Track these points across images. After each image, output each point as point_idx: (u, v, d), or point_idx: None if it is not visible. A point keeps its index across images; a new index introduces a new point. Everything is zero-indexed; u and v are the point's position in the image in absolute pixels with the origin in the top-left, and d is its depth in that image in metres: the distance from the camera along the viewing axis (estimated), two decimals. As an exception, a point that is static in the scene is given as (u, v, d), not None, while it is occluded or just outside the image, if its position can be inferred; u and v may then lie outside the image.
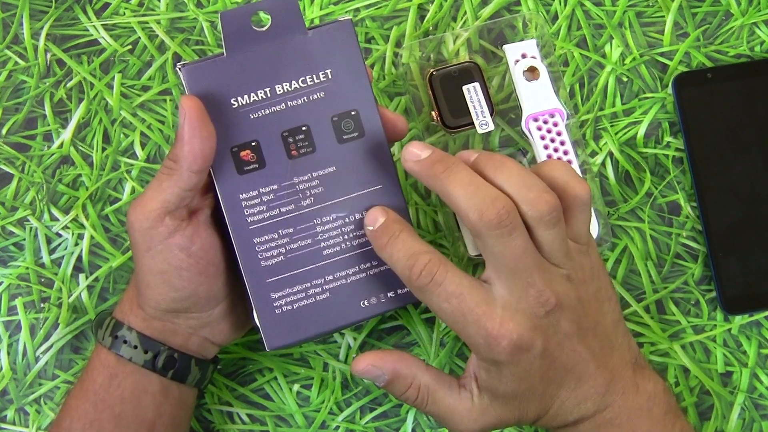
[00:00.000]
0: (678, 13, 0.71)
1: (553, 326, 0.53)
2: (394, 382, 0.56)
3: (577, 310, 0.54)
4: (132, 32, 0.71)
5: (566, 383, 0.55)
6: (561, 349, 0.54)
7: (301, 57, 0.55)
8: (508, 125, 0.68)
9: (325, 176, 0.56)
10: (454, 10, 0.71)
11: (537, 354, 0.53)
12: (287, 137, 0.55)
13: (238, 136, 0.55)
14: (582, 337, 0.54)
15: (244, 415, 0.67)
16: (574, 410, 0.55)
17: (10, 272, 0.68)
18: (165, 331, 0.58)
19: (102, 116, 0.70)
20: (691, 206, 0.69)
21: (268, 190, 0.55)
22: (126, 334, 0.58)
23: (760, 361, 0.67)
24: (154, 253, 0.55)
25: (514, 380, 0.54)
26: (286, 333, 0.56)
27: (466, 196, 0.52)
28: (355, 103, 0.56)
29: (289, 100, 0.55)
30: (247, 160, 0.55)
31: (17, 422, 0.66)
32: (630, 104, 0.70)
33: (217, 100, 0.55)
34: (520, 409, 0.55)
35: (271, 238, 0.55)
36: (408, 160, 0.54)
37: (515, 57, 0.67)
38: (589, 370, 0.55)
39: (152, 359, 0.57)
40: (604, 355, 0.56)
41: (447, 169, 0.53)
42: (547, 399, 0.55)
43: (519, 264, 0.52)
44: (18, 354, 0.67)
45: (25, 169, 0.69)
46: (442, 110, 0.66)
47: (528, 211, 0.52)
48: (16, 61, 0.70)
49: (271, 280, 0.56)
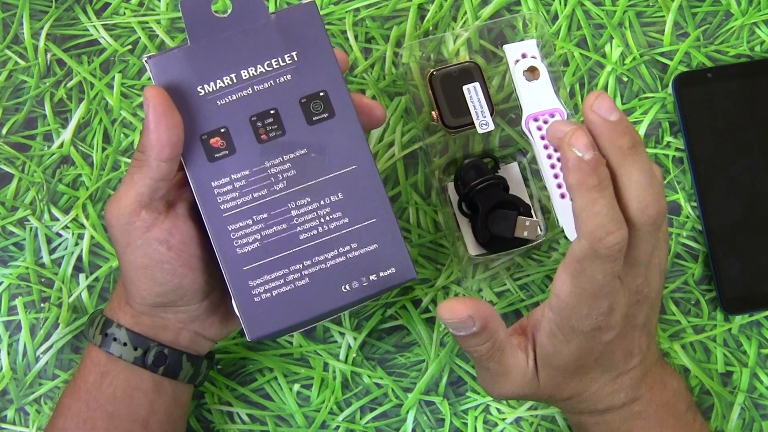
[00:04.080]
0: (678, 13, 0.71)
1: (633, 316, 0.54)
2: (479, 335, 0.54)
3: (651, 305, 0.55)
4: (132, 32, 0.71)
5: (610, 371, 0.55)
6: (625, 340, 0.55)
7: (265, 41, 0.55)
8: (508, 125, 0.68)
9: (297, 159, 0.55)
10: (454, 10, 0.71)
11: (608, 339, 0.53)
12: (256, 121, 0.55)
13: (206, 124, 0.55)
14: (642, 332, 0.55)
15: (244, 415, 0.66)
16: (606, 398, 0.56)
17: (10, 272, 0.68)
18: (154, 326, 0.58)
19: (102, 116, 0.70)
20: (691, 206, 0.69)
21: (239, 176, 0.55)
22: (115, 332, 0.58)
23: (760, 361, 0.67)
24: (133, 248, 0.55)
25: (574, 354, 0.54)
26: (268, 322, 0.55)
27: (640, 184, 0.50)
28: (324, 84, 0.56)
29: (256, 85, 0.55)
30: (217, 147, 0.55)
31: (17, 422, 0.66)
32: (630, 104, 0.70)
33: (184, 89, 0.55)
34: (560, 386, 0.56)
35: (245, 224, 0.55)
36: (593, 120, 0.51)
37: (515, 57, 0.66)
38: (632, 363, 0.56)
39: (142, 356, 0.57)
40: (647, 350, 0.57)
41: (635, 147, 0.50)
42: (587, 381, 0.55)
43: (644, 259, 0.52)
44: (18, 354, 0.67)
45: (26, 169, 0.69)
46: (442, 110, 0.66)
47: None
48: (16, 61, 0.70)
49: (248, 267, 0.55)
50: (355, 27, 0.71)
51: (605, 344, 0.54)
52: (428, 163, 0.68)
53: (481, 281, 0.68)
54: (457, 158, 0.67)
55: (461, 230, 0.65)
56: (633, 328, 0.55)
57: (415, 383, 0.67)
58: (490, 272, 0.67)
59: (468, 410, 0.67)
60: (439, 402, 0.67)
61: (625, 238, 0.50)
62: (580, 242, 0.50)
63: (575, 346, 0.53)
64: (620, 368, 0.56)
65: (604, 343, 0.54)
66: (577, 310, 0.52)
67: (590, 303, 0.52)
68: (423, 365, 0.67)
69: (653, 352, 0.57)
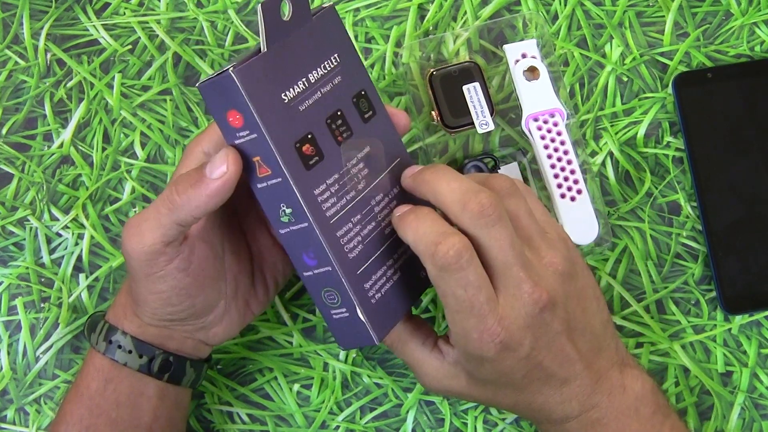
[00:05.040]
0: (678, 13, 0.71)
1: (545, 325, 0.53)
2: None
3: (567, 307, 0.54)
4: (132, 32, 0.71)
5: (551, 382, 0.55)
6: (549, 349, 0.53)
7: (316, 44, 0.54)
8: (508, 125, 0.68)
9: (365, 157, 0.55)
10: (454, 10, 0.71)
11: (523, 355, 0.53)
12: (330, 124, 0.54)
13: (296, 132, 0.53)
14: (570, 336, 0.54)
15: (244, 415, 0.67)
16: (558, 408, 0.55)
17: (10, 272, 0.68)
18: (161, 336, 0.58)
19: (102, 116, 0.70)
20: (691, 206, 0.69)
21: (332, 180, 0.54)
22: (120, 339, 0.57)
23: (760, 360, 0.67)
24: (153, 278, 0.54)
25: (494, 374, 0.54)
26: (385, 321, 0.55)
27: (451, 190, 0.52)
28: (362, 84, 0.56)
29: (321, 87, 0.54)
30: (309, 154, 0.53)
31: (17, 422, 0.66)
32: (630, 104, 0.70)
33: (271, 97, 0.52)
34: (495, 393, 0.56)
35: (348, 228, 0.54)
36: (405, 177, 0.55)
37: (515, 57, 0.67)
38: (575, 371, 0.55)
39: (147, 363, 0.57)
40: (592, 355, 0.55)
41: (435, 173, 0.54)
42: (527, 394, 0.55)
43: (507, 258, 0.52)
44: (18, 354, 0.67)
45: (25, 169, 0.69)
46: (442, 110, 0.66)
47: None
48: (16, 61, 0.70)
49: (360, 271, 0.54)
50: (355, 27, 0.71)
51: (525, 361, 0.53)
52: (428, 163, 0.68)
53: (481, 281, 0.68)
54: (457, 158, 0.67)
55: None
56: (555, 336, 0.53)
57: (415, 383, 0.67)
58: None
59: (468, 410, 0.67)
60: (439, 402, 0.67)
61: (458, 243, 0.51)
62: (427, 270, 0.52)
63: (491, 368, 0.53)
64: (561, 377, 0.54)
65: (522, 360, 0.53)
66: (469, 338, 0.52)
67: (475, 326, 0.51)
68: (423, 365, 0.67)
69: (607, 356, 0.56)
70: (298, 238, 0.53)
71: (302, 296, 0.68)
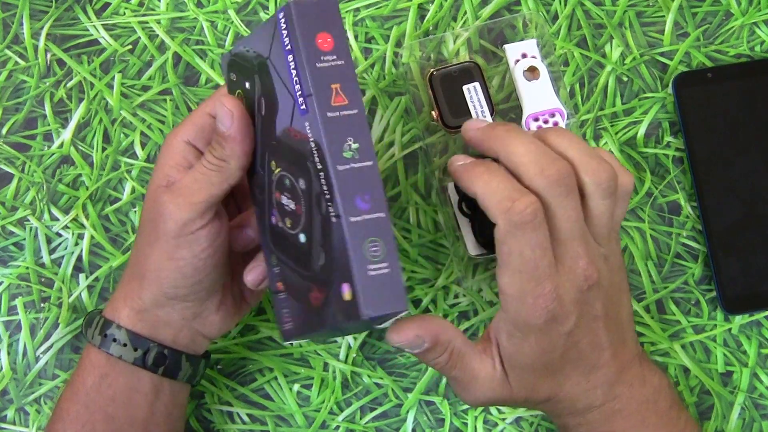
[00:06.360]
0: (678, 13, 0.71)
1: (589, 304, 0.53)
2: (433, 349, 0.54)
3: (608, 293, 0.55)
4: (132, 32, 0.71)
5: (581, 367, 0.55)
6: (587, 331, 0.54)
7: None
8: (508, 125, 0.68)
9: None
10: (454, 9, 0.71)
11: (565, 331, 0.53)
12: None
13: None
14: (606, 323, 0.55)
15: (245, 414, 0.67)
16: (583, 397, 0.56)
17: (10, 272, 0.68)
18: (156, 324, 0.58)
19: (102, 116, 0.70)
20: (691, 206, 0.69)
21: None
22: (115, 332, 0.58)
23: (760, 360, 0.67)
24: (182, 241, 0.55)
25: (535, 351, 0.54)
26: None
27: (528, 152, 0.52)
28: None
29: None
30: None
31: (17, 422, 0.66)
32: (630, 104, 0.70)
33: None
34: (532, 387, 0.55)
35: None
36: (469, 129, 0.55)
37: (515, 57, 0.67)
38: (604, 358, 0.55)
39: (142, 356, 0.57)
40: (618, 345, 0.56)
41: (509, 131, 0.53)
42: (560, 379, 0.55)
43: (573, 231, 0.52)
44: (18, 354, 0.67)
45: (25, 169, 0.69)
46: (442, 110, 0.66)
47: (587, 178, 0.52)
48: (16, 61, 0.70)
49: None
50: (355, 27, 0.71)
51: (566, 337, 0.53)
52: (428, 163, 0.68)
53: (481, 281, 0.68)
54: (457, 158, 0.67)
55: (461, 230, 0.65)
56: (593, 319, 0.54)
57: (415, 383, 0.67)
58: (490, 272, 0.67)
59: (468, 410, 0.67)
60: (439, 402, 0.67)
61: (536, 203, 0.50)
62: (497, 226, 0.51)
63: (534, 342, 0.53)
64: (591, 363, 0.55)
65: (564, 336, 0.53)
66: (523, 302, 0.52)
67: (532, 289, 0.51)
68: (423, 365, 0.67)
69: (629, 348, 0.57)
70: (357, 177, 0.51)
71: (302, 296, 0.68)
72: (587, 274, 0.53)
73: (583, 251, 0.52)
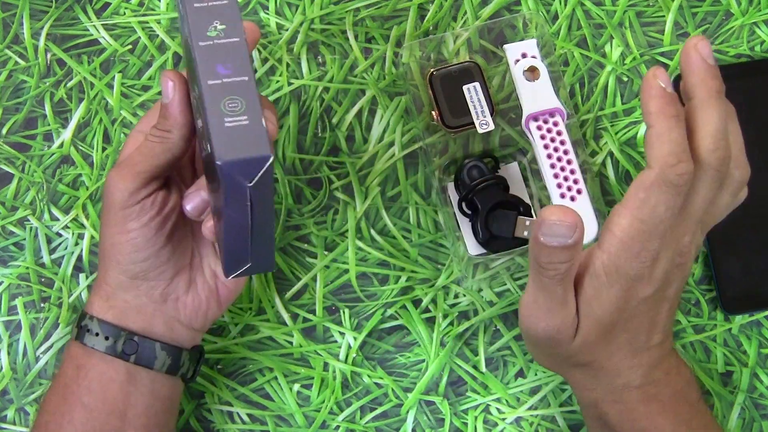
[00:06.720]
0: (678, 13, 0.71)
1: (668, 282, 0.55)
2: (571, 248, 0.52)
3: (683, 278, 0.56)
4: (132, 32, 0.71)
5: (634, 342, 0.56)
6: (654, 306, 0.55)
7: None
8: (508, 125, 0.68)
9: None
10: (455, 9, 0.71)
11: (644, 296, 0.54)
12: None
13: None
14: (670, 306, 0.56)
15: (245, 414, 0.67)
16: (624, 373, 0.56)
17: (10, 272, 0.68)
18: (126, 310, 0.59)
19: (102, 116, 0.70)
20: (691, 206, 0.69)
21: None
22: (89, 323, 0.59)
23: (760, 360, 0.67)
24: (128, 212, 0.57)
25: (611, 303, 0.54)
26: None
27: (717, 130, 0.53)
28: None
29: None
30: None
31: (17, 422, 0.66)
32: (630, 104, 0.70)
33: None
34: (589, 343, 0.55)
35: None
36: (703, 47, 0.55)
37: (515, 57, 0.66)
38: (654, 340, 0.56)
39: (113, 344, 0.58)
40: (669, 332, 0.57)
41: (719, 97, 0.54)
42: (612, 348, 0.56)
43: (698, 212, 0.54)
44: (18, 354, 0.67)
45: (26, 169, 0.69)
46: (442, 110, 0.66)
47: (736, 172, 0.55)
48: (16, 61, 0.70)
49: None
50: (355, 27, 0.71)
51: (640, 302, 0.54)
52: (428, 163, 0.68)
53: (481, 281, 0.68)
54: (457, 158, 0.67)
55: (461, 230, 0.65)
56: (664, 298, 0.55)
57: (415, 383, 0.67)
58: (490, 272, 0.67)
59: (468, 410, 0.67)
60: (439, 402, 0.67)
61: (692, 172, 0.52)
62: (649, 170, 0.52)
63: (614, 292, 0.53)
64: (642, 341, 0.56)
65: (639, 301, 0.54)
66: (629, 247, 0.52)
67: (643, 240, 0.52)
68: (423, 365, 0.67)
69: (671, 340, 0.58)
70: (221, 50, 0.51)
71: (302, 296, 0.68)
72: (684, 251, 0.54)
73: (692, 231, 0.54)
